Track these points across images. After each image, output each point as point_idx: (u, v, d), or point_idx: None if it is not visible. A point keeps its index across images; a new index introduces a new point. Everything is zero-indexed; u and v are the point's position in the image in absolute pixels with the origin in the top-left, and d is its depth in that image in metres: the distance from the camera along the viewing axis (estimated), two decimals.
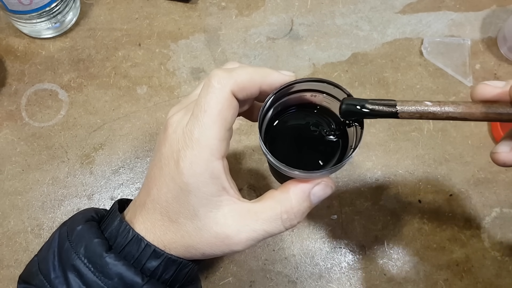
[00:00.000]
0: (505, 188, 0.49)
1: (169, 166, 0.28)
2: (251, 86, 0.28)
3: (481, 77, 0.54)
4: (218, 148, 0.27)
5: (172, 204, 0.28)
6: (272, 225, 0.28)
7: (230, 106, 0.27)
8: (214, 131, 0.27)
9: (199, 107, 0.27)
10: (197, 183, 0.27)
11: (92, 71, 0.52)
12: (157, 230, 0.29)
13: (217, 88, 0.27)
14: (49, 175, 0.48)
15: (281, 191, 0.29)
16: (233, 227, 0.28)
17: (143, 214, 0.29)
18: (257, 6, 0.57)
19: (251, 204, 0.29)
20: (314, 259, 0.46)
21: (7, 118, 0.50)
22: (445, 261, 0.46)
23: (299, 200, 0.29)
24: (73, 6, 0.53)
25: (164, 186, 0.28)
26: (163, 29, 0.55)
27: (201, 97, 0.27)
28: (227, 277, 0.45)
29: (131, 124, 0.50)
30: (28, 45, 0.53)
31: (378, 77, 0.53)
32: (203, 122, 0.27)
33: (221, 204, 0.28)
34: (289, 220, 0.29)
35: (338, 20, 0.56)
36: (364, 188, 0.49)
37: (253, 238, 0.28)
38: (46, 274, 0.28)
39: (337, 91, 0.30)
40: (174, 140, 0.28)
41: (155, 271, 0.28)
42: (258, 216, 0.28)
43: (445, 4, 0.57)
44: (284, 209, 0.28)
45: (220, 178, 0.27)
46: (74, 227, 0.29)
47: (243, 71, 0.28)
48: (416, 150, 0.50)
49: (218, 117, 0.27)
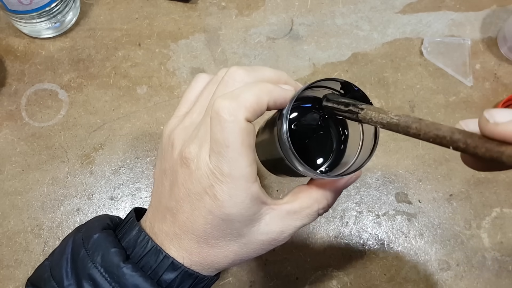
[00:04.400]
0: (505, 188, 0.49)
1: (203, 201, 0.27)
2: (260, 107, 0.27)
3: (481, 77, 0.54)
4: (251, 174, 0.27)
5: (211, 233, 0.28)
6: (311, 219, 0.30)
7: (249, 133, 0.26)
8: (243, 161, 0.26)
9: (218, 143, 0.26)
10: (239, 211, 0.27)
11: (92, 71, 0.52)
12: (195, 257, 0.28)
13: (230, 121, 0.25)
14: (49, 175, 0.48)
15: (316, 189, 0.30)
16: (277, 230, 0.29)
17: (174, 244, 0.29)
18: (257, 6, 0.57)
19: (288, 205, 0.30)
20: (314, 259, 0.46)
21: (7, 118, 0.50)
22: (445, 261, 0.46)
23: (334, 196, 0.31)
24: (73, 6, 0.53)
25: (199, 218, 0.27)
26: (163, 29, 0.55)
27: (215, 132, 0.26)
28: (227, 277, 0.45)
29: (131, 124, 0.50)
30: (28, 45, 0.53)
31: (378, 77, 0.53)
32: (230, 157, 0.26)
33: (261, 216, 0.28)
34: (323, 211, 0.31)
35: (338, 20, 0.56)
36: (365, 188, 0.49)
37: (294, 232, 0.30)
38: (59, 281, 0.28)
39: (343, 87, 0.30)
40: (202, 177, 0.27)
41: (171, 283, 0.28)
42: (298, 215, 0.30)
43: (445, 4, 0.57)
44: (321, 206, 0.30)
45: (259, 196, 0.28)
46: (90, 234, 0.29)
47: (249, 93, 0.26)
48: (416, 150, 0.50)
49: (242, 148, 0.26)
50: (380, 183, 0.49)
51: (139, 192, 0.48)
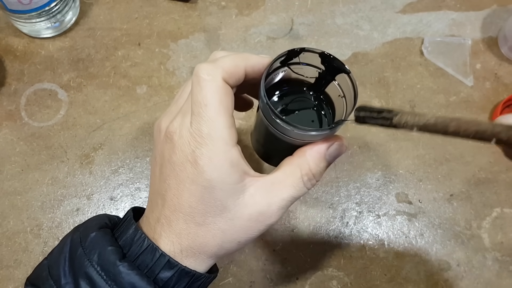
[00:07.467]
0: (506, 188, 0.49)
1: (185, 170, 0.27)
2: (237, 71, 0.28)
3: (482, 76, 0.54)
4: (230, 136, 0.27)
5: (196, 207, 0.28)
6: (297, 189, 0.29)
7: (227, 93, 0.27)
8: (221, 121, 0.27)
9: (197, 104, 0.27)
10: (220, 175, 0.27)
11: (92, 71, 0.52)
12: (184, 239, 0.28)
13: (208, 80, 0.27)
14: (49, 175, 0.48)
15: (298, 155, 0.30)
16: (263, 202, 0.28)
17: (165, 228, 0.29)
18: (257, 6, 0.57)
19: (272, 175, 0.29)
20: (314, 259, 0.46)
21: (6, 118, 0.50)
22: (446, 261, 0.46)
23: (316, 161, 0.30)
24: (73, 6, 0.53)
25: (184, 191, 0.28)
26: (163, 28, 0.55)
27: (195, 94, 0.27)
28: (227, 277, 0.45)
29: (130, 124, 0.50)
30: (27, 45, 0.53)
31: (379, 76, 0.53)
32: (208, 116, 0.26)
33: (245, 188, 0.28)
34: (309, 181, 0.30)
35: (339, 20, 0.56)
36: (365, 188, 0.49)
37: (283, 206, 0.29)
38: (56, 280, 0.28)
39: (312, 56, 0.30)
40: (184, 144, 0.27)
41: (168, 282, 0.28)
42: (282, 184, 0.29)
43: (446, 4, 0.57)
44: (304, 171, 0.29)
45: (239, 163, 0.28)
46: (87, 233, 0.29)
47: (226, 59, 0.28)
48: (416, 150, 0.50)
49: (221, 107, 0.27)
50: (380, 183, 0.49)
51: (138, 192, 0.48)
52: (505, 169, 0.50)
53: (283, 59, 0.30)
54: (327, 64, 0.31)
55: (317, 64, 0.31)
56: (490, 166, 0.50)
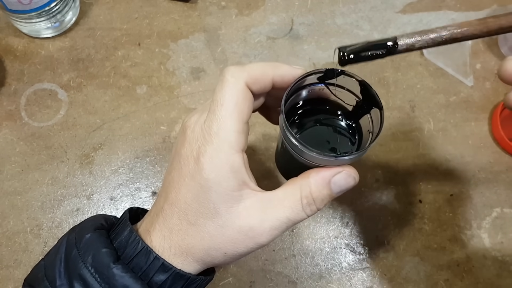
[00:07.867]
0: (506, 188, 0.49)
1: (188, 165, 0.27)
2: (263, 78, 0.28)
3: (482, 76, 0.54)
4: (236, 141, 0.27)
5: (191, 204, 0.27)
6: (294, 211, 0.28)
7: (245, 98, 0.27)
8: (231, 123, 0.27)
9: (215, 102, 0.27)
10: (217, 177, 0.27)
11: (92, 71, 0.52)
12: (175, 236, 0.28)
13: (231, 81, 0.27)
14: (49, 175, 0.48)
15: (302, 177, 0.29)
16: (256, 218, 0.27)
17: (159, 221, 0.29)
18: (257, 6, 0.57)
19: (272, 192, 0.28)
20: (314, 260, 0.46)
21: (6, 118, 0.50)
22: (446, 261, 0.46)
23: (318, 186, 0.28)
24: (73, 6, 0.53)
25: (183, 186, 0.28)
26: (163, 28, 0.55)
27: (216, 92, 0.27)
28: (227, 277, 0.45)
29: (130, 124, 0.50)
30: (27, 45, 0.53)
31: (379, 76, 0.53)
32: (220, 115, 0.27)
33: (241, 198, 0.27)
34: (308, 205, 0.28)
35: (339, 20, 0.56)
36: (365, 188, 0.49)
37: (277, 227, 0.27)
38: (51, 281, 0.28)
39: (348, 80, 0.30)
40: (193, 139, 0.28)
41: (162, 285, 0.28)
42: (280, 203, 0.28)
43: (446, 4, 0.57)
44: (304, 194, 0.28)
45: (240, 171, 0.27)
46: (83, 234, 0.29)
47: (255, 64, 0.28)
48: (416, 150, 0.50)
49: (235, 110, 0.27)
50: (380, 183, 0.49)
51: (138, 192, 0.48)
52: (505, 169, 0.50)
53: (320, 76, 0.29)
54: (365, 94, 0.30)
55: (355, 91, 0.30)
56: (490, 166, 0.50)
